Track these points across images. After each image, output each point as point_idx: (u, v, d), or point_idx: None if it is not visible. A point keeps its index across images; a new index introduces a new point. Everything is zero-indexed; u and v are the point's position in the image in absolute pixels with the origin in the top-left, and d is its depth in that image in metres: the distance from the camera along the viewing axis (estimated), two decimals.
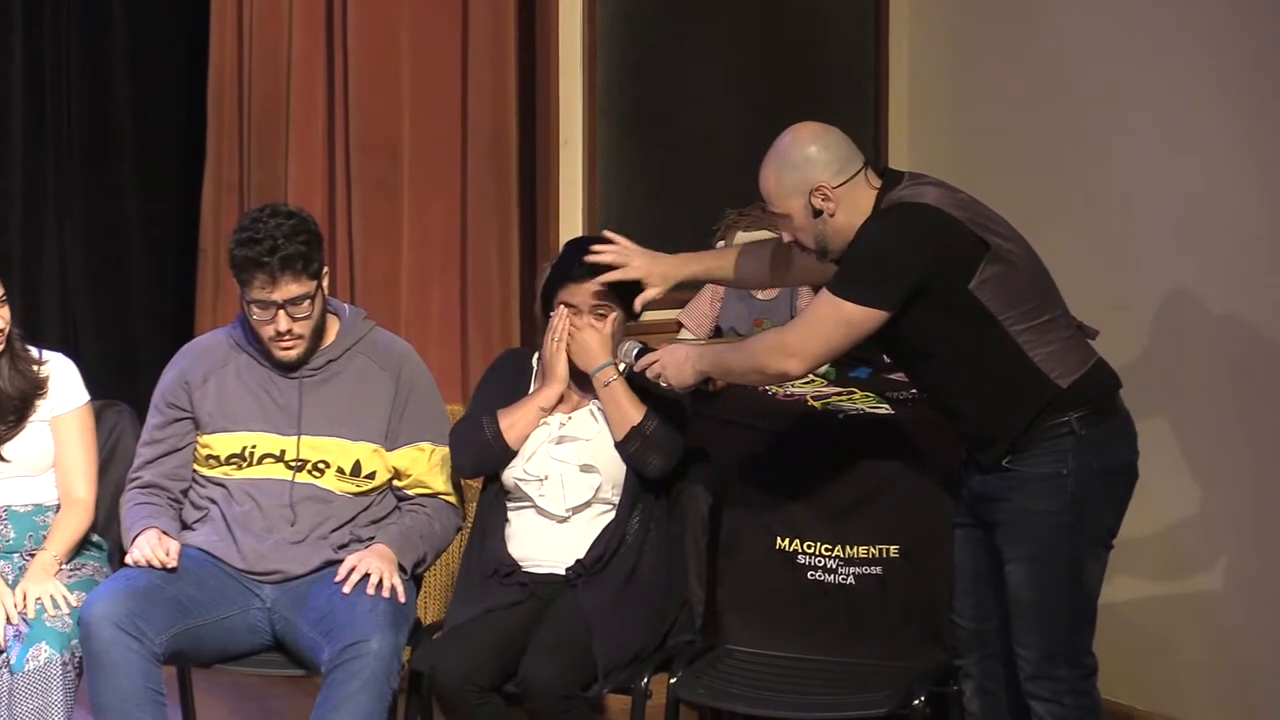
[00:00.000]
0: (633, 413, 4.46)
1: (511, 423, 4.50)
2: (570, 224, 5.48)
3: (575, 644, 4.29)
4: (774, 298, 5.36)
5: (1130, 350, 4.93)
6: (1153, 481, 4.60)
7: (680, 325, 5.45)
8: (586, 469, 4.49)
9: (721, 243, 5.42)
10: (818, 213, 4.01)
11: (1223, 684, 4.96)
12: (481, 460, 4.53)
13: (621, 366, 4.47)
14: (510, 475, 4.53)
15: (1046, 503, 3.97)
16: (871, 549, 4.54)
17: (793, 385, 4.99)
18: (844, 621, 4.55)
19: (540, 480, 4.49)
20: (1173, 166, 5.01)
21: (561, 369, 4.50)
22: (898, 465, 4.55)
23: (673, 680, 4.36)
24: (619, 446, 4.47)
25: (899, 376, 5.02)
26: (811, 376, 5.01)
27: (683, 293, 5.36)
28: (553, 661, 4.23)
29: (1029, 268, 4.00)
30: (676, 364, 4.26)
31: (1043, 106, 5.39)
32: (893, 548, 4.52)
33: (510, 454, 4.50)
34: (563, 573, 4.46)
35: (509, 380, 4.61)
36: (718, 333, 5.38)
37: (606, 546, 4.45)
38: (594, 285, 4.47)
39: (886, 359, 5.03)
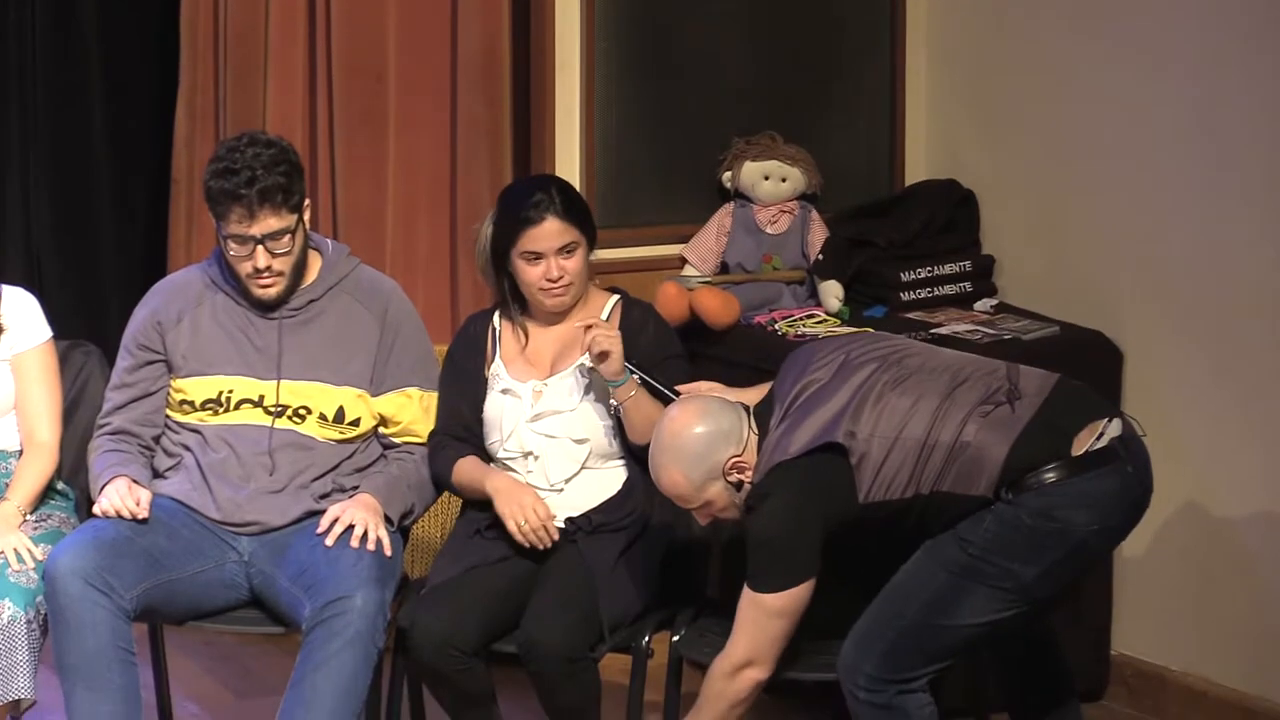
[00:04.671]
0: (658, 414, 4.25)
1: (465, 482, 4.38)
2: (567, 153, 5.38)
3: (581, 603, 4.19)
4: (784, 232, 5.26)
5: (1168, 307, 4.91)
6: (1188, 437, 4.78)
7: (684, 260, 5.32)
8: (580, 442, 4.36)
9: (728, 173, 5.30)
10: (739, 485, 4.04)
11: (1259, 645, 4.90)
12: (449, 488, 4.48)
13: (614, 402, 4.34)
14: (494, 454, 4.41)
15: (966, 528, 3.93)
16: None
17: (804, 325, 5.00)
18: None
19: (524, 456, 4.38)
20: (1205, 153, 4.88)
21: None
22: None
23: (675, 638, 4.30)
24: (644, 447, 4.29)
25: (916, 316, 5.10)
26: (823, 317, 5.09)
27: (686, 226, 5.24)
28: (559, 622, 4.14)
29: (912, 387, 3.95)
30: None
31: (1067, 78, 5.25)
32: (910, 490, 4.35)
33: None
34: (560, 525, 4.33)
35: (466, 367, 4.45)
36: (724, 269, 5.26)
37: (619, 513, 4.32)
38: (554, 222, 4.31)
39: (902, 296, 4.98)
